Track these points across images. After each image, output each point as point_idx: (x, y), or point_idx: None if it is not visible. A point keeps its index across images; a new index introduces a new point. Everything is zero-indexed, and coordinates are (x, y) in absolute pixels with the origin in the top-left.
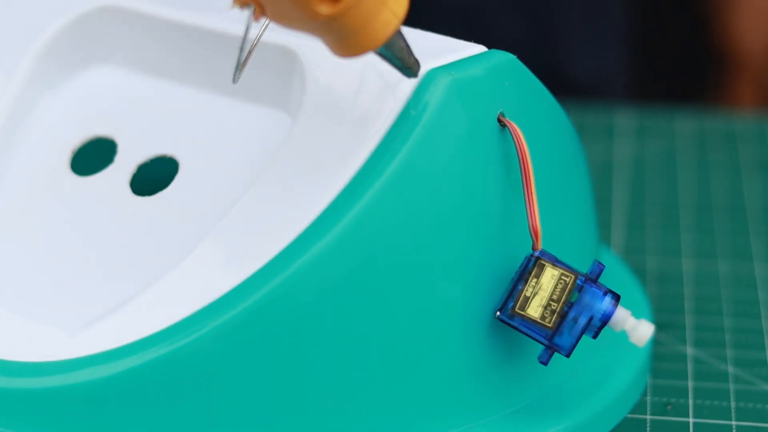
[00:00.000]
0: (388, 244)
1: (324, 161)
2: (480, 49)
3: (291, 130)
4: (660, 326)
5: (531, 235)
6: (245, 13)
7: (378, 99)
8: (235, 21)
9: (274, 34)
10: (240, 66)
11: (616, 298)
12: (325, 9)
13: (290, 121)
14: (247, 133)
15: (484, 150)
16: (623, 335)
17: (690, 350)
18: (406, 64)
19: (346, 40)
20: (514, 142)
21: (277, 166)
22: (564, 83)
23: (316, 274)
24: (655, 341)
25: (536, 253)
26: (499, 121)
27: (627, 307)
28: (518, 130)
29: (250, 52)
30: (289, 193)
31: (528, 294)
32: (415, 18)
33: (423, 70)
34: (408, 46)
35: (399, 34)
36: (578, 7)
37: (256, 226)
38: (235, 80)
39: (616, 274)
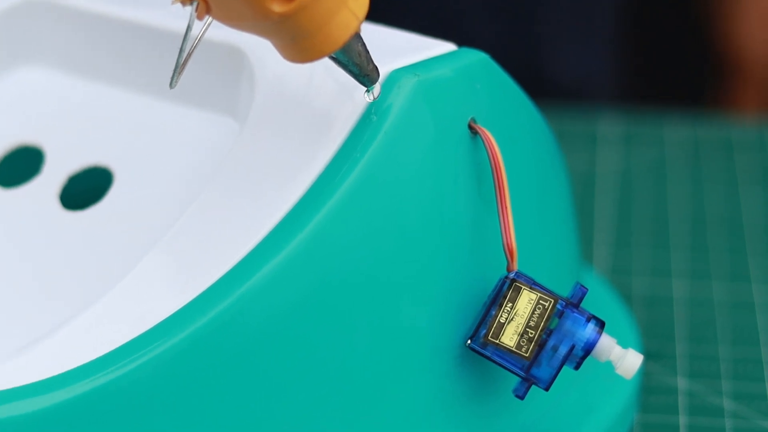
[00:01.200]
0: (347, 264)
1: (276, 172)
2: (449, 47)
3: (238, 138)
4: (649, 356)
5: (505, 254)
6: (187, 10)
7: (335, 103)
8: (178, 17)
9: (220, 30)
10: (178, 69)
11: (601, 324)
12: (277, 6)
13: (238, 128)
14: (190, 141)
15: (453, 160)
16: (608, 366)
17: (682, 382)
18: (364, 72)
19: (299, 43)
20: (487, 151)
21: (223, 177)
22: (544, 87)
23: (269, 295)
24: (644, 372)
25: (511, 275)
26: (470, 127)
27: (613, 334)
28: (491, 138)
29: (189, 55)
30: (238, 207)
31: (502, 320)
32: (381, 16)
33: (386, 70)
34: (367, 52)
35: (358, 37)
36: (561, 3)
37: (202, 243)
38: (172, 85)
39: (601, 298)
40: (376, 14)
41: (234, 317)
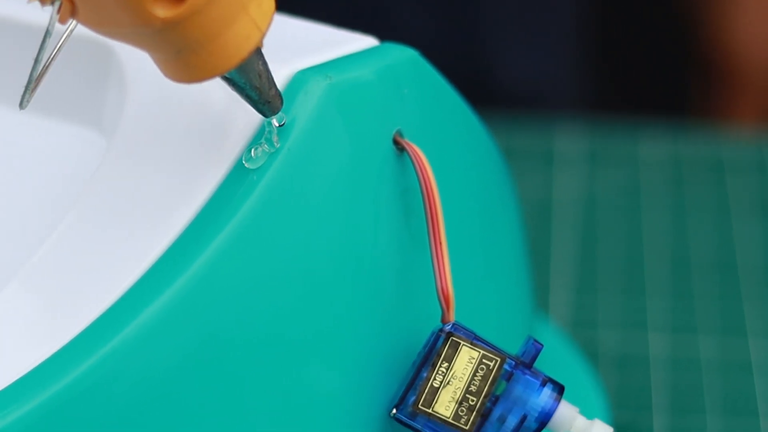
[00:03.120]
0: (239, 315)
1: (151, 201)
2: (370, 42)
3: (105, 157)
4: (620, 428)
5: (440, 302)
6: (47, 10)
7: (226, 113)
8: (26, 5)
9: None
10: (32, 85)
11: (559, 389)
12: (161, 10)
13: (105, 144)
14: (47, 160)
15: (373, 183)
16: None
17: None
18: (265, 97)
19: (186, 58)
20: (416, 171)
21: (85, 207)
22: (491, 93)
23: (140, 353)
24: None
25: (447, 327)
26: (395, 142)
27: (574, 401)
28: (422, 155)
29: (47, 67)
30: (103, 246)
31: (436, 384)
32: (286, 3)
33: (290, 70)
34: (269, 73)
35: (259, 54)
36: None
37: (57, 289)
38: (22, 105)
39: (559, 356)
40: (279, 1)
41: (97, 381)
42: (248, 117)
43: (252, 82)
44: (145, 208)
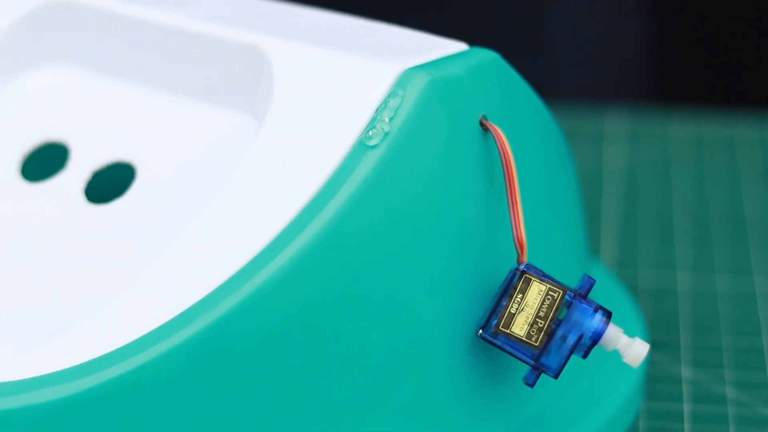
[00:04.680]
0: (361, 259)
1: (292, 169)
2: (461, 46)
3: (257, 136)
4: (654, 345)
5: (516, 247)
6: (205, 11)
7: (351, 100)
8: (199, 18)
9: (240, 30)
10: None
11: (608, 314)
12: None
13: (257, 125)
14: (210, 138)
15: (465, 156)
16: (615, 355)
17: (686, 371)
18: None
19: None
20: (498, 147)
21: (241, 174)
22: (557, 86)
23: (283, 290)
24: (649, 361)
25: (521, 267)
26: (482, 124)
27: (619, 324)
28: (502, 135)
29: None
30: (257, 202)
31: (513, 311)
32: (402, 19)
33: (399, 69)
34: None
35: None
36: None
37: (217, 240)
38: None
39: (607, 290)
40: (386, 13)
41: (249, 311)
42: (366, 105)
43: None
44: (288, 174)
